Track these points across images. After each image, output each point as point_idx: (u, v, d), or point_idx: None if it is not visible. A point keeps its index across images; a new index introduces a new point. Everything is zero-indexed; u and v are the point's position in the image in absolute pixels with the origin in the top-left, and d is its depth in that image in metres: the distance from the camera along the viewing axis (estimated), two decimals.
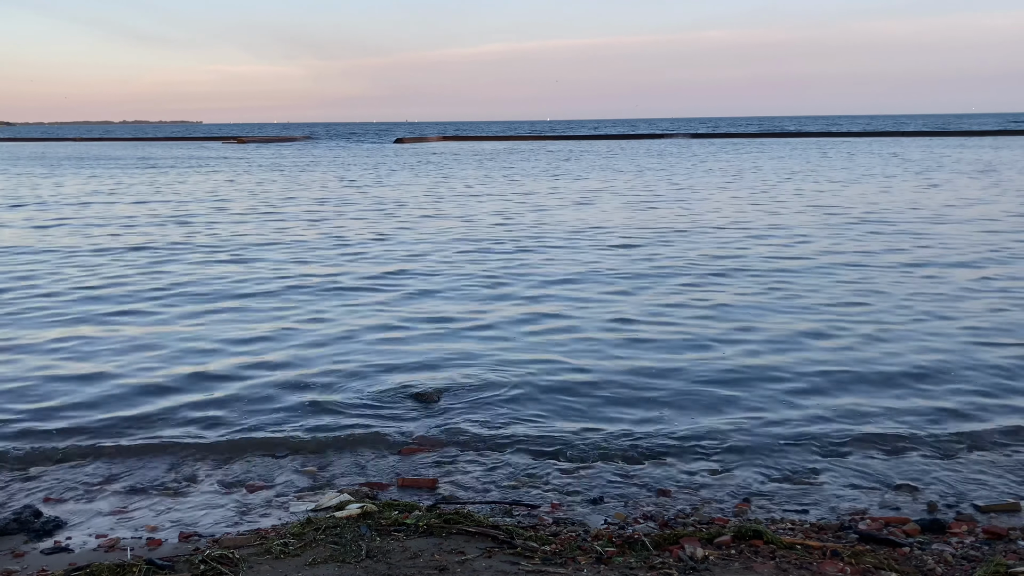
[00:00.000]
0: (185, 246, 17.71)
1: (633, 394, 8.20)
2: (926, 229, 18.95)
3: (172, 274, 14.43)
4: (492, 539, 5.04)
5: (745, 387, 8.34)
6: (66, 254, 16.71)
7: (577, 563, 4.72)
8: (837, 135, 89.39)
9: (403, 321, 11.10)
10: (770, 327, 10.53)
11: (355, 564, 4.68)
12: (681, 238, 18.10)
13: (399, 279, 13.91)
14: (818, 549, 4.89)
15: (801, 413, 7.63)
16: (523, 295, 12.58)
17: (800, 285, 12.95)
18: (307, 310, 11.73)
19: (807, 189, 29.56)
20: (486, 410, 7.81)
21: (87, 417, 7.71)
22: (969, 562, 4.83)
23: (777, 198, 26.54)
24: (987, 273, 13.70)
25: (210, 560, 4.72)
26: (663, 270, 14.40)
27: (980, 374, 8.62)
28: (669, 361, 9.22)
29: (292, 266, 15.19)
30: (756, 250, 16.32)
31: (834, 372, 8.74)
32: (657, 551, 4.88)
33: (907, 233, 18.35)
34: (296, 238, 18.85)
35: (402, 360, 9.34)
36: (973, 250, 16.00)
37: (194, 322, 11.09)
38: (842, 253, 15.79)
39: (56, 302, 12.34)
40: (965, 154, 51.32)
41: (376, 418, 7.64)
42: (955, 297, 12.07)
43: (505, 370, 8.95)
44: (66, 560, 5.05)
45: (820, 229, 19.17)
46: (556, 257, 15.87)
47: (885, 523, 5.51)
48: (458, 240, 18.26)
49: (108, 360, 9.43)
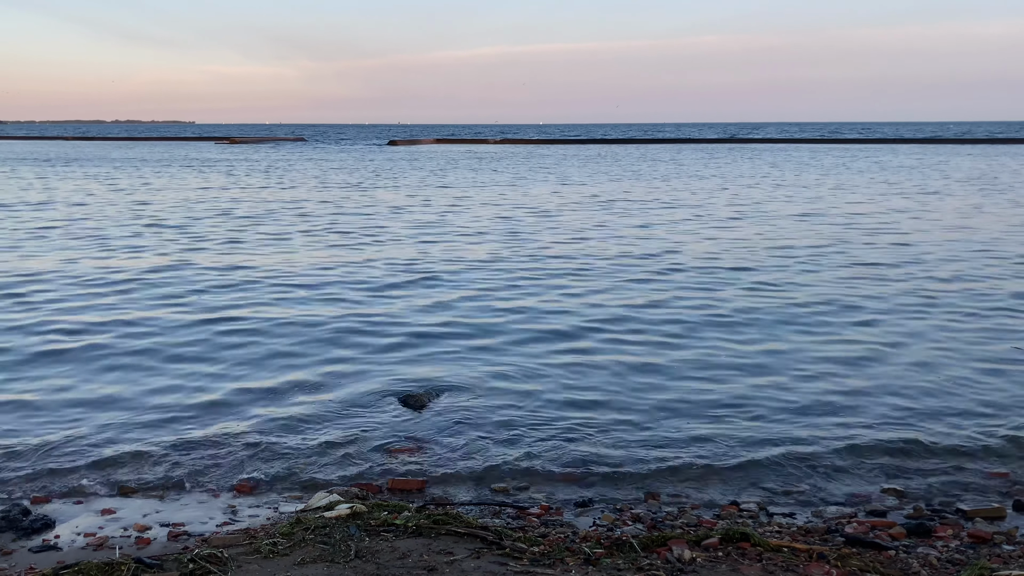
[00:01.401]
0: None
1: (622, 398, 8.23)
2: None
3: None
4: (481, 540, 5.06)
5: (734, 391, 8.37)
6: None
7: (565, 564, 4.74)
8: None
9: (396, 322, 11.11)
10: (760, 334, 10.57)
11: (344, 564, 4.69)
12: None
13: (412, 280, 13.91)
14: (805, 552, 4.92)
15: (789, 417, 7.67)
16: (502, 299, 12.61)
17: (793, 285, 13.01)
18: (302, 309, 11.73)
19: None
20: (476, 412, 7.82)
21: (74, 416, 7.70)
22: (954, 565, 4.87)
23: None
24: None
25: (199, 559, 4.72)
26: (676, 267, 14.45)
27: (970, 381, 8.67)
28: (658, 365, 9.25)
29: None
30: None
31: (822, 377, 8.78)
32: (645, 553, 4.90)
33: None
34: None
35: (394, 361, 9.35)
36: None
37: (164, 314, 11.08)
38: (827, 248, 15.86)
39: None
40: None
41: (365, 420, 7.65)
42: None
43: (495, 373, 8.97)
44: (54, 558, 5.05)
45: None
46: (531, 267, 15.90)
47: (871, 526, 5.55)
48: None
49: (105, 363, 9.42)
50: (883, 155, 61.09)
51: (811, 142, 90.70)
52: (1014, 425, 7.43)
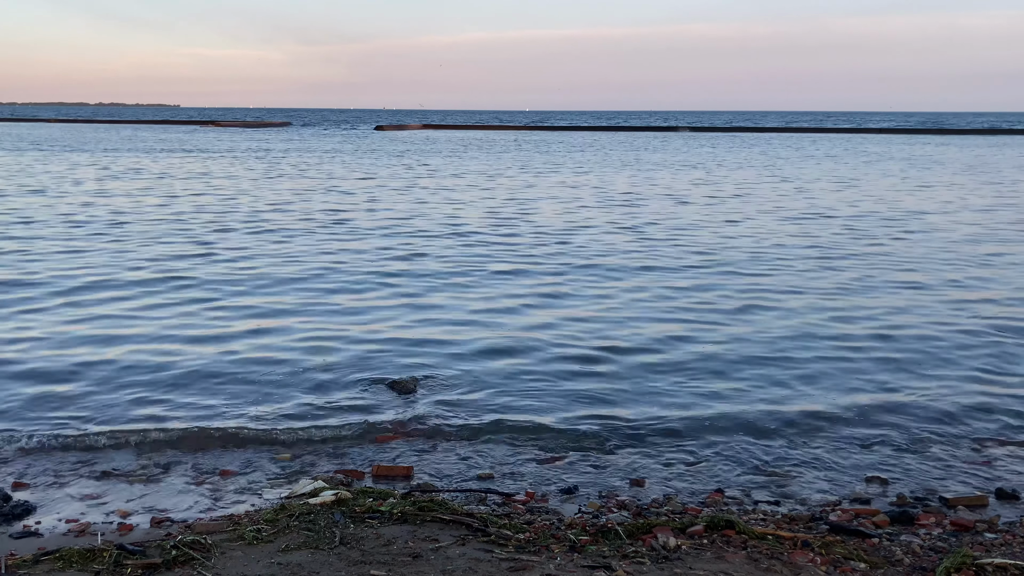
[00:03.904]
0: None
1: (610, 386, 8.23)
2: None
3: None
4: (466, 527, 5.05)
5: (722, 379, 8.39)
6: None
7: (551, 551, 4.74)
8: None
9: (383, 309, 11.06)
10: (744, 326, 10.60)
11: (328, 551, 4.67)
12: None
13: (404, 270, 13.86)
14: (789, 539, 4.94)
15: (775, 406, 7.69)
16: (489, 279, 12.59)
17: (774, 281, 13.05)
18: (295, 300, 11.67)
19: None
20: (463, 399, 7.81)
21: (58, 401, 7.62)
22: (936, 553, 4.90)
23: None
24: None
25: (182, 545, 4.69)
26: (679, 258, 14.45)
27: (954, 370, 8.73)
28: (646, 353, 9.25)
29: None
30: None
31: (809, 366, 8.82)
32: (630, 540, 4.90)
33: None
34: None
35: (380, 347, 9.31)
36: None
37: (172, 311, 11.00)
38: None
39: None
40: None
41: (352, 406, 7.62)
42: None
43: (483, 359, 8.95)
44: (35, 544, 5.00)
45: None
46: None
47: (855, 515, 5.57)
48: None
49: (81, 346, 9.34)
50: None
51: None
52: (997, 414, 7.48)
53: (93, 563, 4.51)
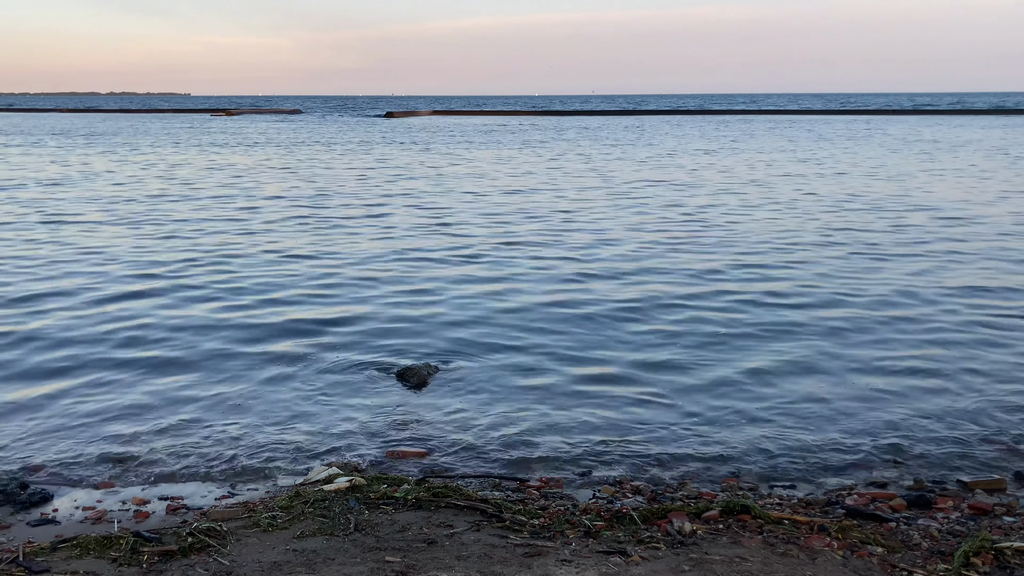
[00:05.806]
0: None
1: (624, 371, 8.20)
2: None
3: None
4: (481, 513, 5.05)
5: (733, 364, 8.34)
6: None
7: (566, 537, 4.73)
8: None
9: (396, 293, 11.07)
10: (761, 311, 10.55)
11: (343, 537, 4.68)
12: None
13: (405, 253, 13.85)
14: (805, 524, 4.91)
15: (790, 390, 7.65)
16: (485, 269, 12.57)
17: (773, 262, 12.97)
18: (306, 286, 11.69)
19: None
20: (476, 385, 7.80)
21: (76, 389, 7.67)
22: (954, 537, 4.86)
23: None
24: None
25: (198, 532, 4.71)
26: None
27: (972, 352, 8.65)
28: (661, 339, 9.22)
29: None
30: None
31: (823, 351, 8.76)
32: (645, 525, 4.89)
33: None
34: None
35: (393, 333, 9.32)
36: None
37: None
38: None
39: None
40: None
41: (365, 391, 7.62)
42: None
43: (497, 345, 8.94)
44: (52, 532, 5.03)
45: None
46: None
47: (872, 498, 5.54)
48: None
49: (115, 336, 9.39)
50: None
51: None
52: (1014, 395, 7.41)
53: (110, 550, 4.54)
